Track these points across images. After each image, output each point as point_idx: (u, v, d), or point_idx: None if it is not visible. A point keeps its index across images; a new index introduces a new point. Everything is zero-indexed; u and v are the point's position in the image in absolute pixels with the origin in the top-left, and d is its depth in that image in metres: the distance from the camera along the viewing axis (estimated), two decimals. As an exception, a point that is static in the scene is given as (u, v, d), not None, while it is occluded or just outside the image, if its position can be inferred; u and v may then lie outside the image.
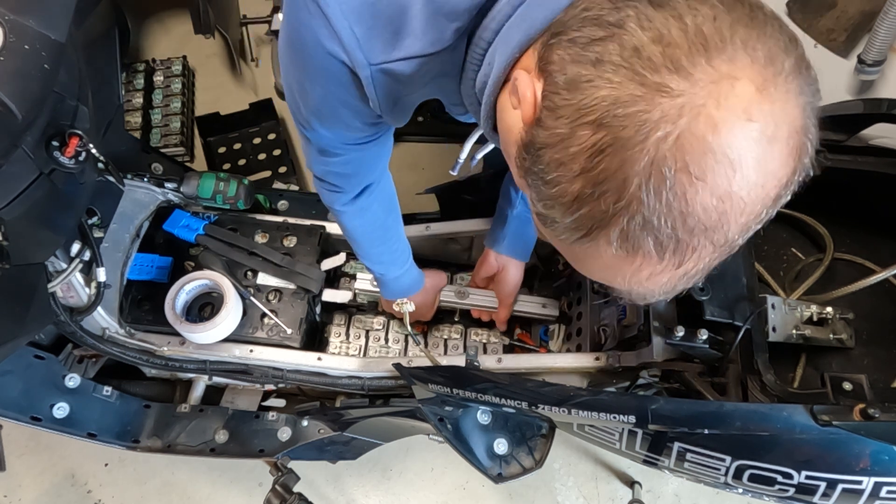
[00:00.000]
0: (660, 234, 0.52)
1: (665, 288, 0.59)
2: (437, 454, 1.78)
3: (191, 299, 1.31)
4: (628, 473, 1.78)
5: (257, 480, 1.74)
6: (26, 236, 0.98)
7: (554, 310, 1.38)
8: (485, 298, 1.40)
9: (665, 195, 0.50)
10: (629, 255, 0.54)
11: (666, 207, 0.50)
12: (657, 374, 1.06)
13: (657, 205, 0.50)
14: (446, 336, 1.47)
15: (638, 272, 0.56)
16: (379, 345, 1.46)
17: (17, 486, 1.73)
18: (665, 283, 0.58)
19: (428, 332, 1.47)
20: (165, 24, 2.57)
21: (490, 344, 1.45)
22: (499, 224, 1.34)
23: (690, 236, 0.52)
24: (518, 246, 1.34)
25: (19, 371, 1.23)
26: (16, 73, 0.82)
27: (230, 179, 1.39)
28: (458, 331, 1.47)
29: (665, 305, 1.12)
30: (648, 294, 0.60)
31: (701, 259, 0.55)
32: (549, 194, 0.56)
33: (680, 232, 0.52)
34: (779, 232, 1.28)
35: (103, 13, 1.10)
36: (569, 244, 0.59)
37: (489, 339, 1.46)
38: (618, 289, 0.61)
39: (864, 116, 1.12)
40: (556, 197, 0.56)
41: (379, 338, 1.46)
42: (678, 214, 0.51)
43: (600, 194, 0.52)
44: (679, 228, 0.51)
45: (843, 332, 1.10)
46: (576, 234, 0.56)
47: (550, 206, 0.57)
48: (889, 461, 0.86)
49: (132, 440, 1.32)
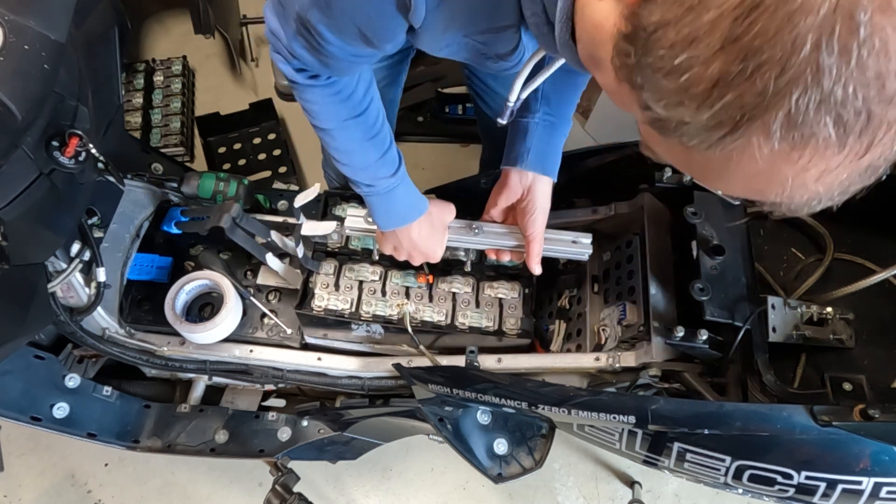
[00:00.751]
0: (844, 111, 0.40)
1: (840, 188, 0.46)
2: (437, 454, 1.78)
3: (191, 299, 1.31)
4: (628, 473, 1.78)
5: (257, 480, 1.74)
6: (26, 236, 0.98)
7: (587, 245, 1.17)
8: (503, 233, 1.17)
9: (856, 52, 0.38)
10: (795, 149, 0.43)
11: (857, 70, 0.38)
12: (657, 374, 1.06)
13: (843, 68, 0.38)
14: (455, 290, 1.27)
15: (805, 171, 0.44)
16: (374, 298, 1.25)
17: (17, 486, 1.73)
18: (842, 182, 0.46)
19: (434, 283, 1.27)
20: (165, 24, 2.57)
21: (509, 302, 1.25)
22: (518, 138, 1.11)
23: (888, 108, 0.40)
24: (547, 158, 1.11)
25: (19, 371, 1.23)
26: (16, 73, 0.82)
27: (230, 179, 1.39)
28: (470, 284, 1.27)
29: (665, 305, 1.12)
30: (815, 200, 0.48)
31: (894, 141, 0.43)
32: (673, 88, 0.44)
33: (874, 103, 0.40)
34: (779, 232, 1.28)
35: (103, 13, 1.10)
36: (703, 151, 0.46)
37: (509, 294, 1.26)
38: (771, 200, 0.49)
39: (864, 116, 1.12)
40: (685, 89, 0.44)
41: (374, 290, 1.26)
42: (874, 78, 0.39)
43: (755, 69, 0.40)
44: (873, 99, 0.39)
45: (843, 332, 1.10)
46: (715, 133, 0.44)
47: (676, 103, 0.45)
48: (889, 461, 0.86)
49: (132, 440, 1.32)
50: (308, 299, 1.24)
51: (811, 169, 0.44)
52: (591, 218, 1.32)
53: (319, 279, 1.26)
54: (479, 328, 1.23)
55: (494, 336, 1.22)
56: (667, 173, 1.20)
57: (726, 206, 1.13)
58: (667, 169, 1.20)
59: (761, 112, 0.41)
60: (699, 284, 1.03)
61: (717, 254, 1.06)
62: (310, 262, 1.25)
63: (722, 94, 0.42)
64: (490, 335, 1.22)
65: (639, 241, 1.21)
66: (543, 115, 1.09)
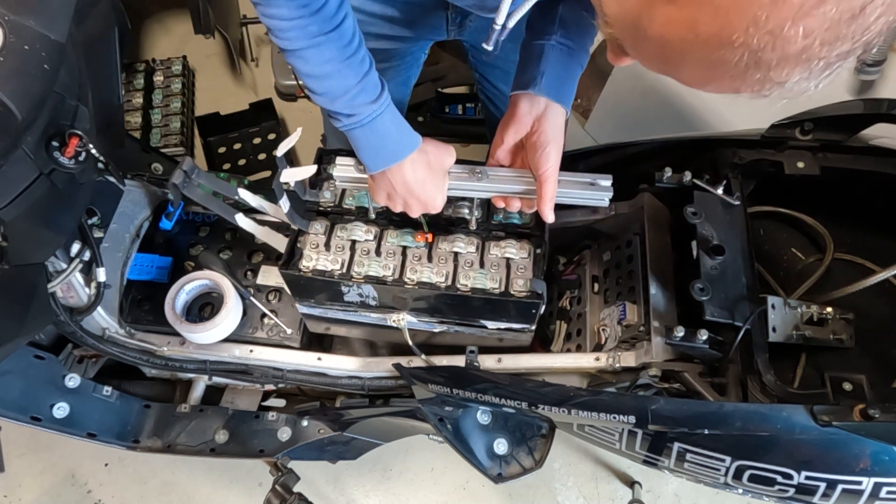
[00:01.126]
0: None
1: (826, 34, 0.45)
2: (437, 454, 1.79)
3: (191, 299, 1.31)
4: (628, 473, 1.78)
5: (257, 480, 1.74)
6: (26, 236, 0.98)
7: (606, 188, 1.04)
8: (511, 177, 1.03)
9: None
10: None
11: None
12: (657, 374, 1.06)
13: None
14: (458, 249, 1.13)
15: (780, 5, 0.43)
16: (368, 259, 1.12)
17: (17, 486, 1.73)
18: (828, 25, 0.44)
19: (434, 242, 1.14)
20: (165, 24, 2.57)
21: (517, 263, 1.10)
22: (531, 62, 1.00)
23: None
24: (562, 85, 0.99)
25: (19, 371, 1.23)
26: (16, 73, 0.82)
27: (230, 179, 1.39)
28: (474, 243, 1.13)
29: (665, 305, 1.12)
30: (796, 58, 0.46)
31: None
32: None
33: None
34: (779, 232, 1.28)
35: (103, 13, 1.10)
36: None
37: (518, 254, 1.11)
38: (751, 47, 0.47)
39: (864, 116, 1.12)
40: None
41: (368, 250, 1.13)
42: None
43: None
44: None
45: (843, 332, 1.10)
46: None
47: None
48: (889, 461, 0.86)
49: (132, 440, 1.32)
50: (295, 259, 1.13)
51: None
52: (591, 218, 1.32)
53: (308, 239, 1.13)
54: (483, 290, 1.09)
55: (501, 299, 1.08)
56: (667, 173, 1.20)
57: (726, 206, 1.13)
58: (667, 169, 1.20)
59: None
60: (699, 284, 1.03)
61: (717, 254, 1.06)
62: (297, 220, 1.13)
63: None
64: (495, 298, 1.08)
65: (639, 241, 1.21)
66: (560, 39, 0.98)
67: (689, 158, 1.24)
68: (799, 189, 1.19)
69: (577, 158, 1.36)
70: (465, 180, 1.03)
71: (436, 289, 1.10)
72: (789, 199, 1.25)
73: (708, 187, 1.14)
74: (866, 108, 1.13)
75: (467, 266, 1.11)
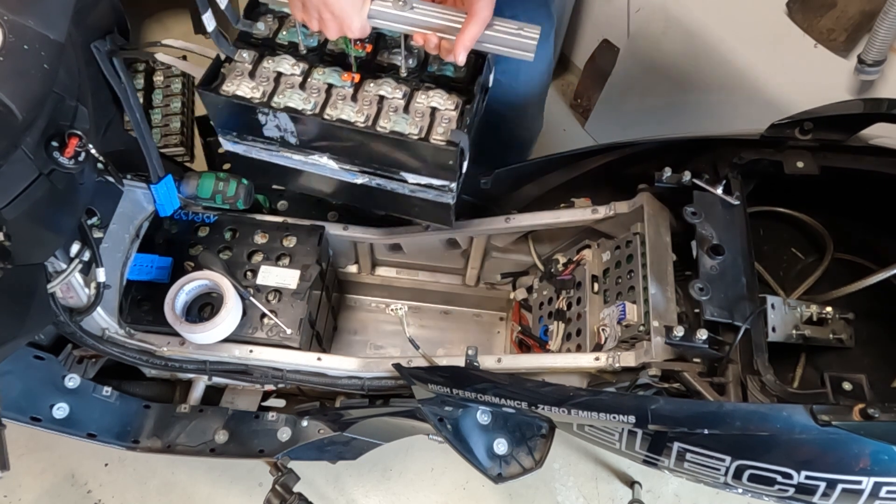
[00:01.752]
0: None
1: None
2: (437, 454, 1.79)
3: (191, 299, 1.31)
4: (628, 473, 1.78)
5: (257, 480, 1.74)
6: (26, 236, 0.98)
7: (532, 37, 0.98)
8: (440, 14, 0.98)
9: None
10: None
11: None
12: (657, 373, 1.06)
13: None
14: (384, 93, 1.10)
15: None
16: (291, 91, 1.10)
17: (17, 486, 1.73)
18: None
19: (361, 84, 1.11)
20: (165, 24, 2.57)
21: (443, 114, 1.07)
22: None
23: None
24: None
25: (19, 371, 1.24)
26: (16, 73, 0.82)
27: (230, 179, 1.39)
28: (402, 90, 1.10)
29: (665, 305, 1.12)
30: None
31: None
32: None
33: None
34: (779, 232, 1.28)
35: (103, 13, 1.10)
36: None
37: (444, 104, 1.08)
38: None
39: (864, 116, 1.12)
40: None
41: (293, 84, 1.10)
42: None
43: None
44: None
45: (843, 332, 1.10)
46: None
47: None
48: (889, 461, 0.86)
49: (132, 440, 1.32)
50: (217, 83, 1.11)
51: None
52: (591, 218, 1.32)
53: (234, 66, 1.12)
54: (401, 133, 1.06)
55: (418, 143, 1.06)
56: (666, 173, 1.20)
57: (726, 206, 1.13)
58: (666, 169, 1.20)
59: None
60: (699, 284, 1.03)
61: (717, 254, 1.06)
62: (222, 43, 1.10)
63: None
64: (411, 141, 1.06)
65: (638, 240, 1.21)
66: None
67: (689, 158, 1.24)
68: (798, 189, 1.19)
69: (578, 158, 1.36)
70: (389, 8, 0.98)
71: (354, 127, 1.07)
72: (789, 199, 1.25)
73: (707, 187, 1.14)
74: (866, 107, 1.13)
75: (391, 111, 1.08)
